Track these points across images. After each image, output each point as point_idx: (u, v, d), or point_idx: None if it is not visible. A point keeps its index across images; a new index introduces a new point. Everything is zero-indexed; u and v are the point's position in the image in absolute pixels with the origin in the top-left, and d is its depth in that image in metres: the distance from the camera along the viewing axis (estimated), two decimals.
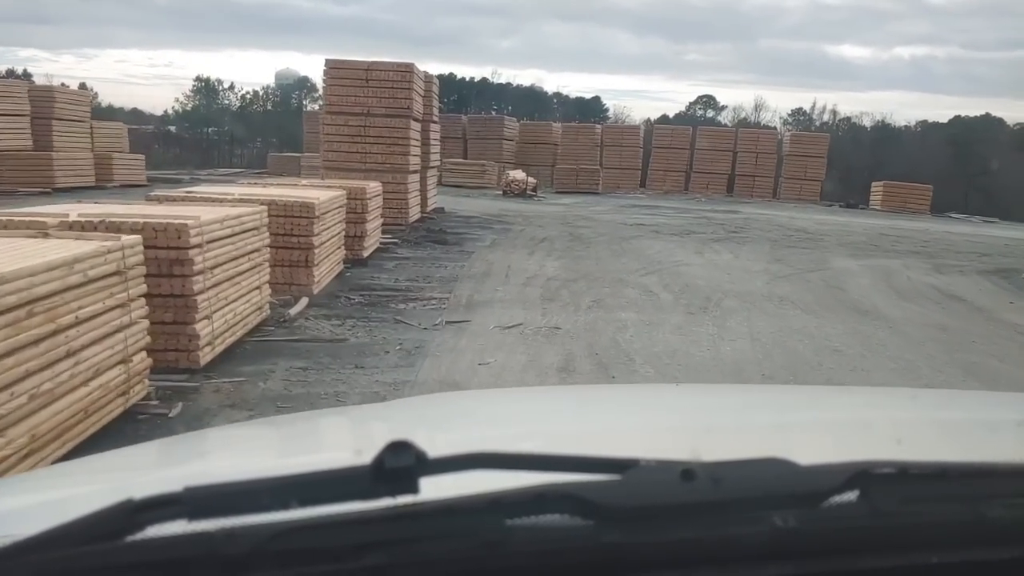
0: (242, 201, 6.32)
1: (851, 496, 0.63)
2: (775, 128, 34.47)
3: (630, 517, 0.61)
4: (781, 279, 9.87)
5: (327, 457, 0.75)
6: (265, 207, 6.06)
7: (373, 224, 9.80)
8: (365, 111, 13.80)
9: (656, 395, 1.81)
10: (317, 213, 6.88)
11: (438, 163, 18.20)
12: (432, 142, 16.56)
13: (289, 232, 6.94)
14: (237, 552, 0.57)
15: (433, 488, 0.59)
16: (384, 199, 11.51)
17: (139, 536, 0.57)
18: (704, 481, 0.63)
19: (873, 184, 24.46)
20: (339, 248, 8.13)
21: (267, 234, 6.03)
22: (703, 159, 26.81)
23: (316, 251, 6.96)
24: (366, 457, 0.60)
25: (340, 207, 8.11)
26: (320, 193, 7.55)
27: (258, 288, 5.90)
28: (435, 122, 17.19)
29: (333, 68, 13.06)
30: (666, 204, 23.35)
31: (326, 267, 7.41)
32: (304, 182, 8.95)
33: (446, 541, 0.59)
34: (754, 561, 0.62)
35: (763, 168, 26.90)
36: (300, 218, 6.90)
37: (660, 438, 1.12)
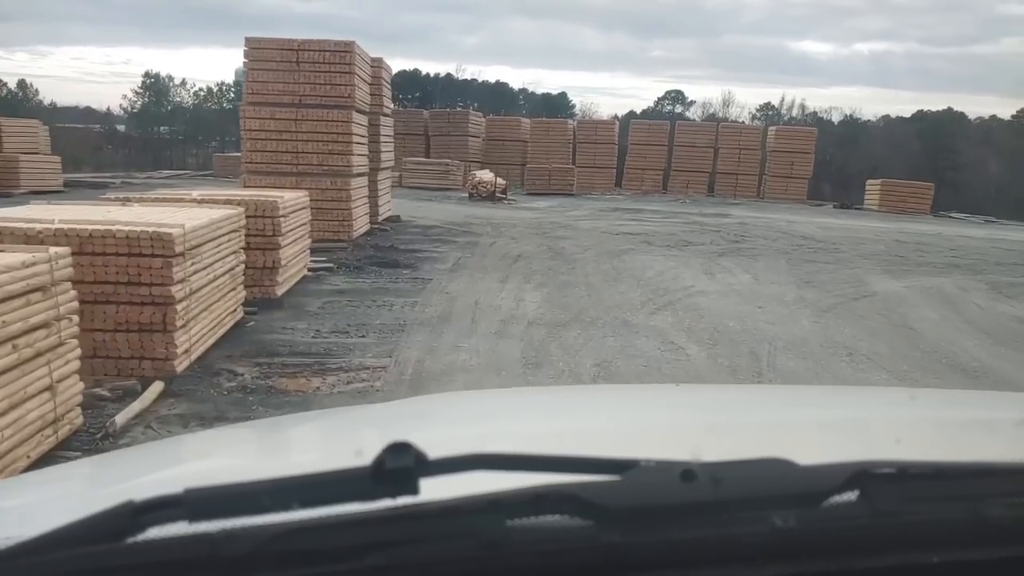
0: (61, 233, 4.54)
1: (851, 496, 0.63)
2: (746, 123, 31.80)
3: (630, 517, 0.60)
4: (827, 314, 8.23)
5: (327, 458, 0.78)
6: (67, 251, 4.04)
7: (294, 249, 8.10)
8: (296, 101, 11.63)
9: (656, 395, 1.77)
10: (179, 249, 5.01)
11: (392, 163, 16.48)
12: (384, 139, 14.76)
13: (136, 280, 4.92)
14: (237, 553, 0.56)
15: (433, 489, 0.59)
16: (320, 210, 10.23)
17: (140, 537, 0.57)
18: (704, 481, 0.61)
19: (868, 182, 22.29)
20: (233, 291, 6.28)
21: (71, 294, 4.10)
22: (682, 156, 28.83)
23: (179, 307, 5.03)
24: (366, 458, 0.59)
25: (231, 232, 6.20)
26: (195, 216, 5.61)
27: (48, 390, 3.91)
28: (387, 115, 15.25)
29: (255, 48, 9.72)
30: (649, 207, 22.05)
31: (204, 325, 5.56)
32: (196, 195, 7.51)
33: (446, 542, 0.59)
34: (754, 561, 0.60)
35: (746, 165, 24.89)
36: (152, 258, 4.96)
37: (660, 438, 1.07)
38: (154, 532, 0.56)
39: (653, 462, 0.63)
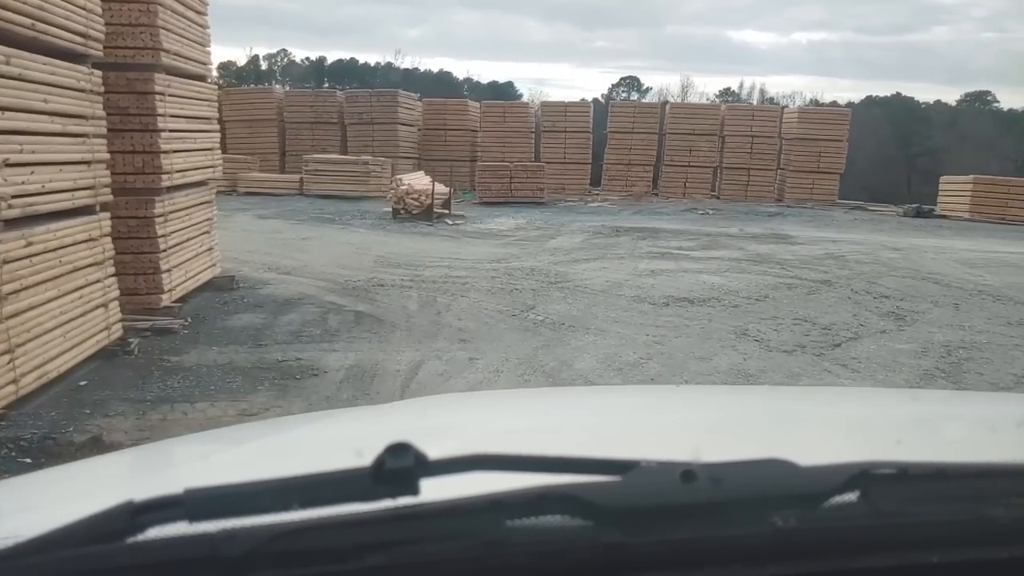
0: None
1: (851, 496, 0.62)
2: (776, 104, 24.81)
3: (630, 518, 0.59)
4: None
5: (327, 458, 0.77)
6: None
7: None
8: None
9: (656, 396, 1.73)
10: None
11: (216, 171, 8.30)
12: (180, 124, 7.15)
13: None
14: (237, 553, 0.55)
15: (433, 489, 0.59)
16: None
17: (140, 537, 0.56)
18: (704, 482, 0.60)
19: (943, 179, 13.49)
20: None
21: None
22: (678, 148, 23.23)
23: None
24: (366, 458, 0.59)
25: None
26: None
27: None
28: (196, 77, 7.71)
29: None
30: (662, 223, 14.65)
31: None
32: None
33: (446, 542, 0.58)
34: (754, 561, 0.60)
35: (761, 159, 16.14)
36: None
37: (660, 439, 1.02)
38: (154, 532, 0.56)
39: (653, 463, 0.62)
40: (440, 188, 15.78)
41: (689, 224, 15.26)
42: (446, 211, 15.39)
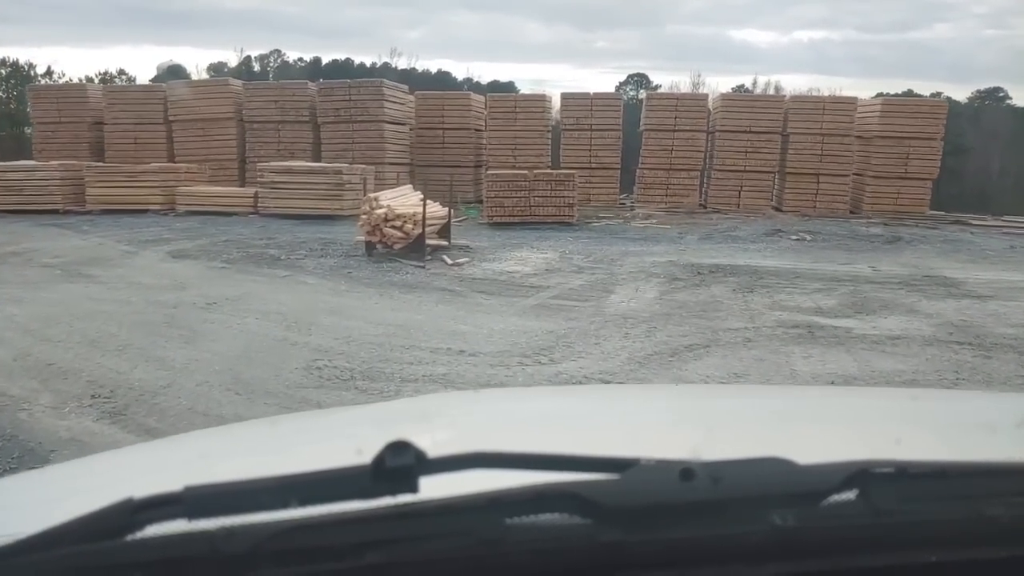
0: None
1: (850, 495, 0.63)
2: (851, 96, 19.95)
3: (629, 516, 0.59)
4: None
5: (327, 456, 0.72)
6: None
7: None
8: None
9: (656, 395, 1.73)
10: None
11: None
12: None
13: None
14: (237, 551, 0.55)
15: (433, 487, 0.60)
16: None
17: (139, 535, 0.57)
18: (703, 480, 0.60)
19: None
20: None
21: None
22: (730, 148, 16.61)
23: None
24: (366, 456, 0.59)
25: None
26: None
27: None
28: None
29: None
30: (752, 258, 10.45)
31: None
32: None
33: (446, 540, 0.58)
34: (753, 560, 0.60)
35: (833, 161, 17.09)
36: None
37: (660, 438, 1.02)
38: (153, 529, 0.56)
39: (653, 461, 0.61)
40: (435, 210, 10.68)
41: (791, 258, 10.78)
42: (444, 242, 10.48)
